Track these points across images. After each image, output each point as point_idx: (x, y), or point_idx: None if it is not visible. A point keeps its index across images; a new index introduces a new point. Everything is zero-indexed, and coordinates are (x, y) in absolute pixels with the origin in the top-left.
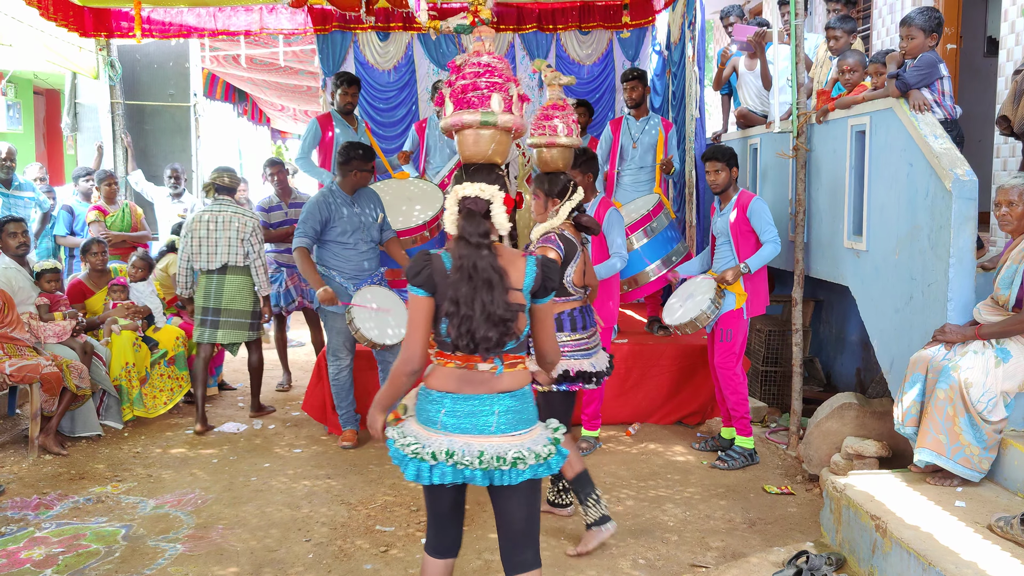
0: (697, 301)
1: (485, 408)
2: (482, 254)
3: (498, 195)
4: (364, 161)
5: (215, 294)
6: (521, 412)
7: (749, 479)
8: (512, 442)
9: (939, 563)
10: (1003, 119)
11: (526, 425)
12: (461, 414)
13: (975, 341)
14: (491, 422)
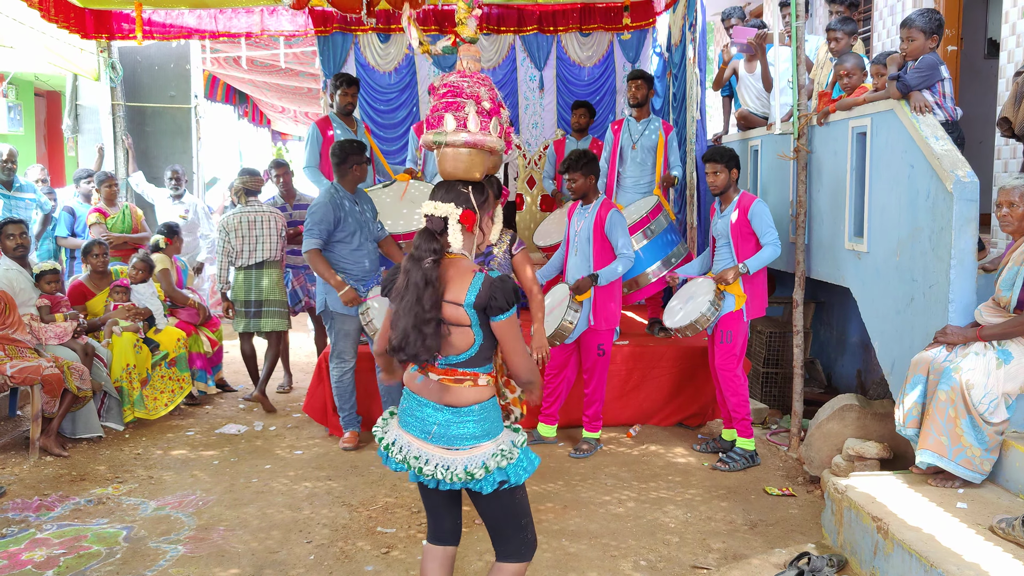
0: (697, 303)
1: (430, 416)
2: (422, 267)
3: (454, 212)
4: (360, 154)
5: (256, 287)
6: (461, 428)
7: (750, 481)
8: (443, 455)
9: (941, 565)
10: (1004, 121)
11: (463, 443)
12: (411, 411)
13: (976, 343)
14: (430, 430)
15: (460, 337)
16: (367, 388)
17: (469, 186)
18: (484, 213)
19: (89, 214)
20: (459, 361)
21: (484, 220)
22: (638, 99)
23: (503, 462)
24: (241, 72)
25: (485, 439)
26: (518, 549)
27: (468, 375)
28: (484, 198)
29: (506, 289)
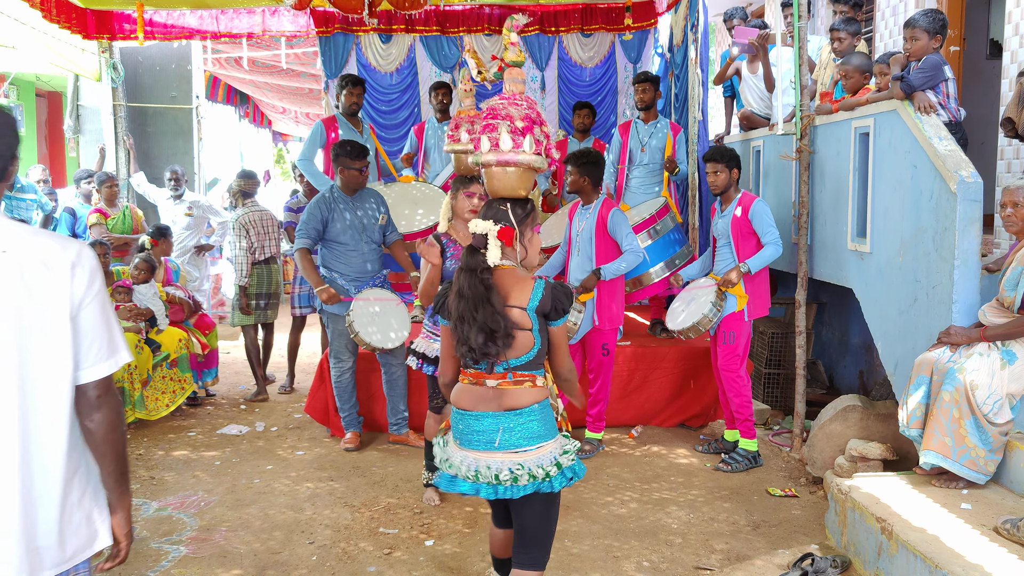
0: (699, 304)
1: (491, 425)
2: (476, 277)
3: (492, 229)
4: (350, 158)
5: (267, 281)
6: (524, 429)
7: (753, 481)
8: (513, 459)
9: (945, 566)
10: (1007, 121)
11: (530, 442)
12: (471, 431)
13: (980, 343)
14: (495, 439)
15: (522, 340)
16: (368, 389)
17: (507, 203)
18: (525, 228)
19: (89, 215)
20: (519, 364)
21: (526, 235)
22: (645, 102)
23: (569, 460)
24: (242, 73)
25: (547, 438)
26: (539, 559)
27: (527, 376)
28: (525, 214)
29: (568, 293)
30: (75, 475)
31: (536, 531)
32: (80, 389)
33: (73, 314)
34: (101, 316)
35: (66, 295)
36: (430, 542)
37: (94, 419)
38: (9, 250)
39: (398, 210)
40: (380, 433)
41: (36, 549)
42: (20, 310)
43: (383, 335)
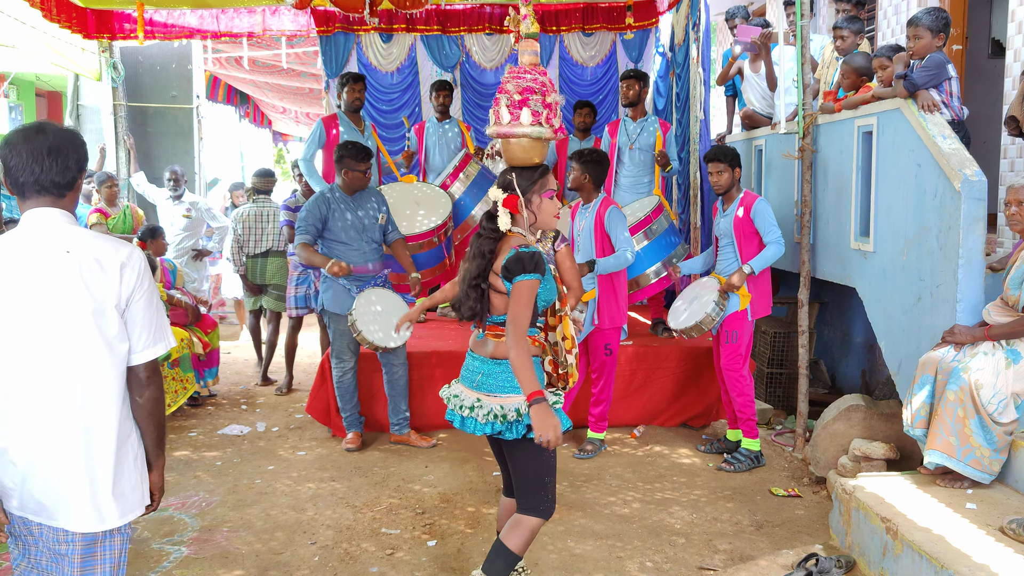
0: (701, 304)
1: (478, 367)
2: (479, 241)
3: (500, 196)
4: (355, 160)
5: (260, 272)
6: (501, 377)
7: (756, 481)
8: (485, 400)
9: (951, 566)
10: (1011, 120)
11: (503, 391)
12: (467, 367)
13: (985, 342)
14: (475, 379)
15: (499, 300)
16: (370, 389)
17: (514, 172)
18: (531, 195)
19: (90, 214)
20: (499, 321)
21: (533, 201)
22: (629, 98)
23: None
24: (243, 72)
25: (519, 390)
26: (537, 505)
27: (504, 332)
28: (532, 181)
29: (522, 258)
30: (127, 442)
31: (528, 476)
32: (132, 370)
33: (122, 307)
34: (148, 309)
35: (115, 290)
36: (432, 542)
37: (144, 395)
38: (72, 250)
39: (399, 211)
40: (382, 433)
41: (98, 504)
42: (79, 302)
43: (385, 334)
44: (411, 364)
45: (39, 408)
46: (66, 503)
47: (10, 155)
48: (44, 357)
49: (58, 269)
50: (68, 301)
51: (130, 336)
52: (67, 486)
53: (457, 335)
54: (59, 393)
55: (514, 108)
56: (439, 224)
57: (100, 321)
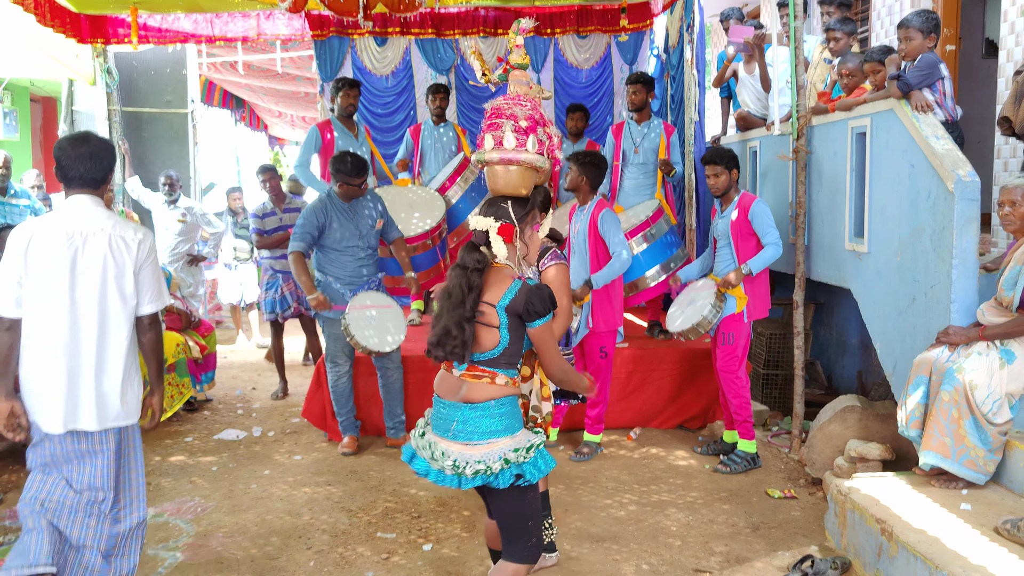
0: (698, 306)
1: (451, 414)
2: (465, 275)
3: (493, 226)
4: (349, 175)
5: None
6: (478, 424)
7: (752, 483)
8: (462, 450)
9: (946, 567)
10: (1004, 120)
11: (481, 437)
12: (438, 415)
13: (979, 343)
14: (450, 427)
15: (487, 336)
16: (366, 393)
17: (509, 201)
18: (525, 226)
19: None
20: (482, 360)
21: (526, 232)
22: (636, 104)
23: (519, 457)
24: (238, 77)
25: (503, 435)
26: (520, 551)
27: (487, 373)
28: (525, 212)
29: (542, 296)
30: (131, 369)
31: (510, 523)
32: (138, 319)
33: (136, 271)
34: (152, 275)
35: (133, 260)
36: (428, 546)
37: (146, 336)
38: (104, 229)
39: (395, 214)
40: (378, 437)
41: (104, 406)
42: (107, 268)
43: (380, 339)
44: (407, 368)
45: (72, 340)
46: (87, 408)
47: (62, 156)
48: (79, 305)
49: (94, 241)
50: (98, 265)
51: (138, 294)
52: (87, 396)
53: None
54: (87, 331)
55: (520, 134)
56: (434, 226)
57: (120, 281)
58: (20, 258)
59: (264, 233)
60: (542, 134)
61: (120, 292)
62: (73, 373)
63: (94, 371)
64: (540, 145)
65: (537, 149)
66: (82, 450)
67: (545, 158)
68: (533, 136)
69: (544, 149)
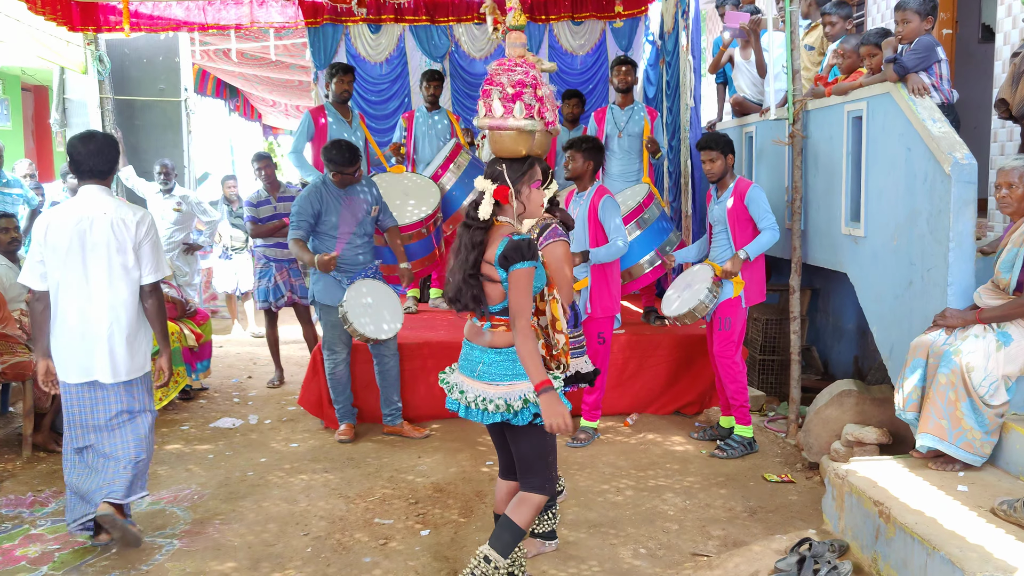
0: (694, 291)
1: (478, 357)
2: (468, 232)
3: (489, 187)
4: (341, 164)
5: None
6: (502, 366)
7: (748, 468)
8: (489, 390)
9: (943, 547)
10: (1001, 102)
11: (505, 379)
12: (466, 358)
13: (976, 325)
14: (476, 368)
15: (493, 290)
16: (362, 380)
17: (503, 163)
18: (521, 185)
19: None
20: (496, 310)
21: (522, 192)
22: (628, 83)
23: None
24: (231, 65)
25: (523, 377)
26: (542, 484)
27: (503, 321)
28: (521, 172)
29: (519, 245)
30: (138, 331)
31: (529, 457)
32: (141, 288)
33: (136, 248)
34: (152, 251)
35: (132, 238)
36: (426, 532)
37: (148, 303)
38: (107, 213)
39: (389, 202)
40: (375, 424)
41: (116, 362)
42: (110, 245)
43: (376, 326)
44: (403, 355)
45: (86, 308)
46: (102, 364)
47: (73, 152)
48: (90, 277)
49: (99, 223)
50: (103, 243)
51: (140, 267)
52: (101, 354)
53: (449, 326)
54: (98, 299)
55: (507, 101)
56: (429, 214)
57: (122, 257)
58: (41, 241)
59: (258, 221)
60: (529, 97)
61: (123, 265)
62: (87, 333)
63: (106, 332)
64: (528, 109)
65: (525, 113)
66: (96, 397)
67: (535, 120)
68: (520, 102)
69: (533, 112)
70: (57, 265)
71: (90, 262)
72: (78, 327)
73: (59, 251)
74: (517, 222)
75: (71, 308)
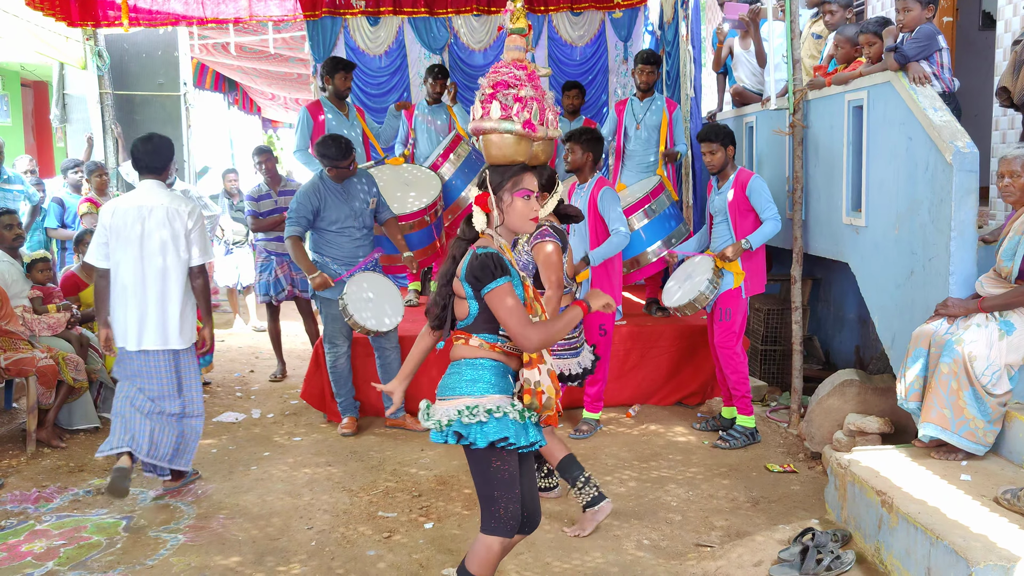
0: (695, 282)
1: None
2: (455, 243)
3: (473, 193)
4: (335, 159)
5: None
6: (449, 379)
7: (751, 458)
8: (437, 405)
9: (946, 537)
10: (1003, 90)
11: (447, 392)
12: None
13: (978, 314)
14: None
15: (460, 306)
16: (364, 373)
17: (487, 169)
18: (503, 193)
19: (81, 204)
20: (463, 326)
21: (503, 200)
22: (649, 84)
23: (465, 419)
24: (230, 59)
25: (464, 393)
26: (487, 521)
27: (463, 335)
28: (502, 179)
29: (483, 262)
30: (185, 305)
31: (478, 488)
32: (190, 269)
33: (187, 235)
34: (199, 237)
35: (184, 226)
36: (429, 525)
37: (196, 282)
38: (163, 204)
39: (389, 192)
40: (377, 418)
41: (165, 332)
42: (165, 232)
43: (377, 319)
44: (405, 348)
45: (142, 285)
46: (155, 333)
47: (134, 151)
48: (146, 258)
49: (156, 212)
50: (159, 229)
51: (189, 251)
52: (153, 324)
53: None
54: (152, 277)
55: (485, 103)
56: (429, 204)
57: (175, 242)
58: (106, 225)
59: (259, 215)
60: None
61: (175, 249)
62: (142, 307)
63: (158, 306)
64: (504, 109)
65: (501, 114)
66: (150, 365)
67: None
68: (496, 102)
69: (510, 112)
70: (119, 247)
71: (147, 246)
72: (135, 301)
73: (121, 235)
74: (498, 234)
75: (129, 284)
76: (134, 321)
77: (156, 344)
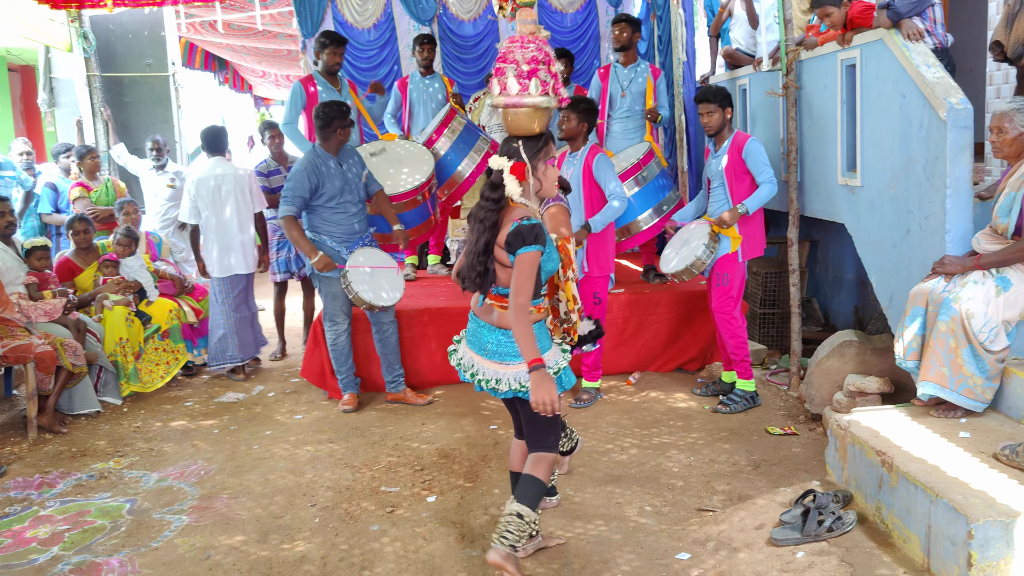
0: (692, 247)
1: (486, 335)
2: (484, 211)
3: (506, 165)
4: (344, 118)
5: None
6: (508, 347)
7: (752, 422)
8: (500, 369)
9: (946, 494)
10: (996, 44)
11: (512, 359)
12: (473, 332)
13: (975, 271)
14: (486, 347)
15: (504, 273)
16: (364, 349)
17: (519, 140)
18: (538, 162)
19: (72, 188)
20: (505, 292)
21: (539, 168)
22: (622, 42)
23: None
24: (218, 37)
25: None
26: (550, 442)
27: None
28: (537, 148)
29: (522, 231)
30: (253, 240)
31: (540, 424)
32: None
33: (249, 191)
34: (257, 191)
35: (246, 185)
36: (432, 498)
37: (258, 224)
38: (228, 172)
39: (383, 169)
40: (378, 393)
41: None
42: (234, 191)
43: (376, 294)
44: (404, 322)
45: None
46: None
47: (202, 136)
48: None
49: (227, 178)
50: (230, 190)
51: (252, 201)
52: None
53: (448, 292)
54: (230, 223)
55: (523, 79)
56: (423, 182)
57: (242, 197)
58: (192, 191)
59: (270, 191)
60: (544, 74)
61: (244, 200)
62: (225, 244)
63: (238, 243)
64: (544, 86)
65: (541, 90)
66: (235, 284)
67: (550, 97)
68: (535, 79)
69: (548, 88)
70: (204, 205)
71: (225, 202)
72: (220, 241)
73: (204, 197)
74: (534, 200)
75: (215, 230)
76: (222, 256)
77: (242, 268)
